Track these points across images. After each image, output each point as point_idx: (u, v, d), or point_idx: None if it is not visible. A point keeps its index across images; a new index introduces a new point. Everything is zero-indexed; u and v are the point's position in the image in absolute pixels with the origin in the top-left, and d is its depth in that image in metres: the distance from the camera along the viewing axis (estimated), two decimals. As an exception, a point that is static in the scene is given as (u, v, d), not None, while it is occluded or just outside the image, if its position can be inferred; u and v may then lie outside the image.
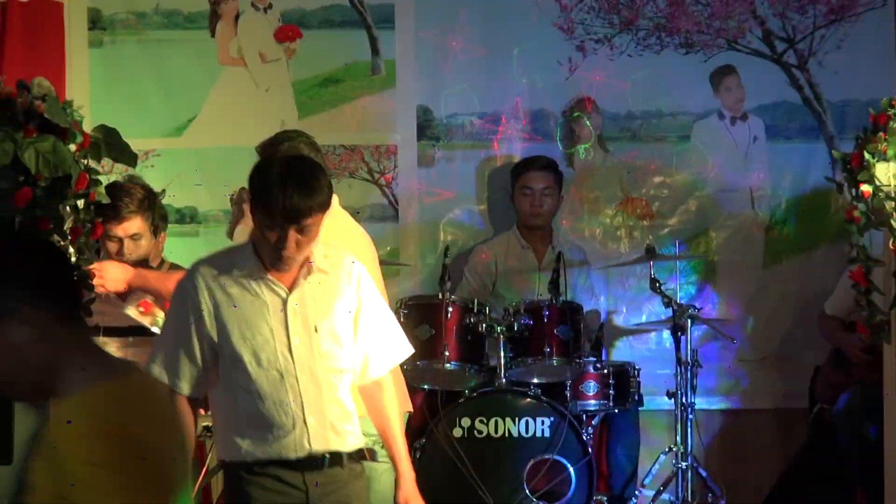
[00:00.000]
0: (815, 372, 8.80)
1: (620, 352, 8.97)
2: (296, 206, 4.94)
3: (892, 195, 6.10)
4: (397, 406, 5.57)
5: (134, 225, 7.40)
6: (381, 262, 8.89)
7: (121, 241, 7.33)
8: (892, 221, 6.09)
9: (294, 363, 5.11)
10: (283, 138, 6.81)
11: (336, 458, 5.20)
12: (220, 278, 5.13)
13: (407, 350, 5.59)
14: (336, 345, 5.20)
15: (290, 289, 5.12)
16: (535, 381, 8.22)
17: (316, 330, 5.13)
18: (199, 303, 5.10)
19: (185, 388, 5.15)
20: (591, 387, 8.40)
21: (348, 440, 5.25)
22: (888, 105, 6.19)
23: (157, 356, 5.22)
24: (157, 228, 7.53)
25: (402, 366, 7.91)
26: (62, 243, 5.98)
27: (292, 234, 4.93)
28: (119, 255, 7.40)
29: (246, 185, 5.58)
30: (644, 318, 9.06)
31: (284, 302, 5.10)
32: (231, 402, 5.17)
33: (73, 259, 6.04)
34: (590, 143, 9.47)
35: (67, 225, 5.99)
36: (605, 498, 8.20)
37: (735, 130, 9.44)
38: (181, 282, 5.29)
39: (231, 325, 5.10)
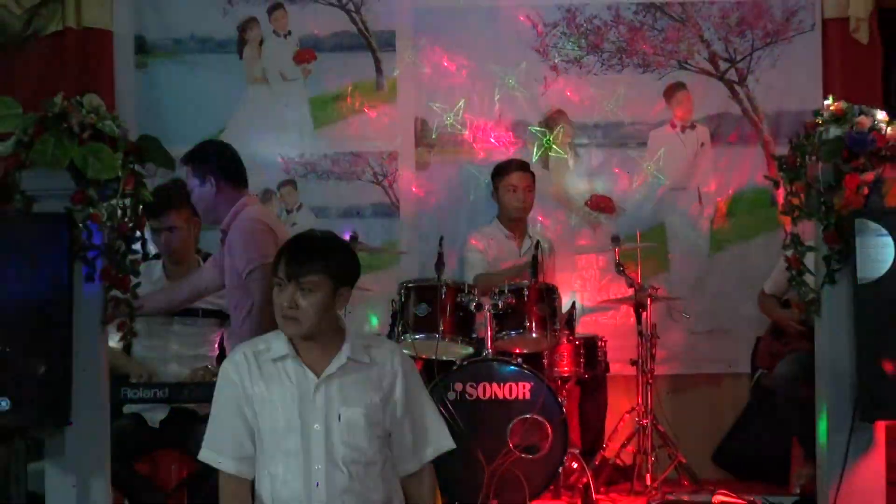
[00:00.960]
0: (757, 342, 8.81)
1: (589, 326, 8.91)
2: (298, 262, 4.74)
3: (822, 190, 6.05)
4: (429, 502, 5.04)
5: (170, 219, 7.36)
6: (385, 251, 8.90)
7: (162, 234, 7.30)
8: (822, 213, 6.03)
9: (312, 450, 4.74)
10: None
11: None
12: (258, 362, 4.84)
13: (445, 445, 5.00)
14: (360, 435, 4.75)
15: (319, 375, 4.77)
16: (517, 351, 8.18)
17: (339, 418, 4.73)
18: (239, 387, 4.84)
19: (230, 465, 4.84)
20: (566, 357, 8.42)
21: None
22: (818, 114, 6.14)
23: (207, 439, 4.96)
24: (191, 222, 7.48)
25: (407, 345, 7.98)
26: (112, 235, 5.94)
27: (294, 290, 4.69)
28: (162, 248, 7.41)
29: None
30: (610, 297, 8.97)
31: (312, 388, 4.75)
32: (263, 486, 4.87)
33: (121, 249, 6.00)
34: (565, 146, 9.42)
35: (116, 220, 5.93)
36: (578, 450, 8.16)
37: (685, 137, 9.43)
38: (224, 365, 5.04)
39: (262, 409, 4.81)
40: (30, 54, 8.77)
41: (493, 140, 9.41)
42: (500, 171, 8.98)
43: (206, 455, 4.93)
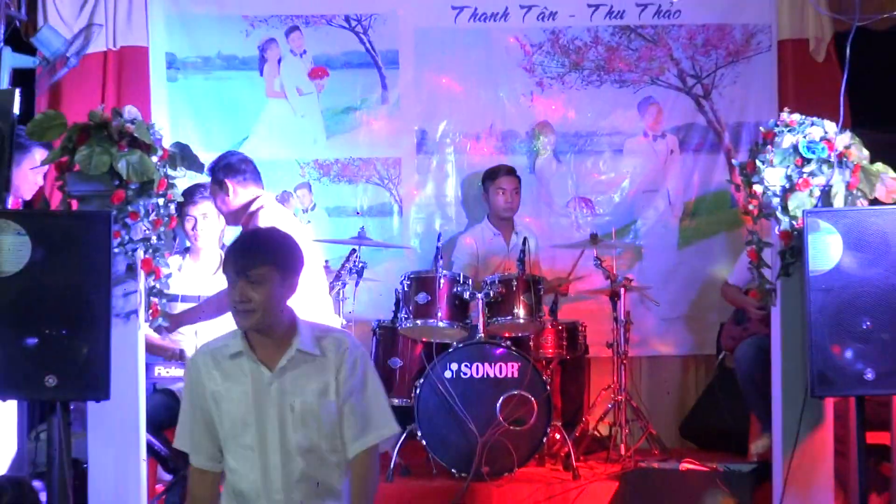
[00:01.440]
0: (720, 327, 8.82)
1: (571, 313, 8.89)
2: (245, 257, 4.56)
3: (778, 193, 6.06)
4: (367, 486, 4.62)
5: (204, 207, 7.39)
6: (390, 246, 8.90)
7: (195, 219, 7.30)
8: (778, 213, 6.05)
9: (268, 442, 4.54)
10: None
11: None
12: (216, 360, 4.63)
13: (389, 430, 4.70)
14: (313, 424, 4.54)
15: (272, 369, 4.55)
16: (507, 335, 8.19)
17: (292, 409, 4.52)
18: (202, 384, 4.66)
19: (197, 460, 4.71)
20: (550, 340, 8.41)
21: None
22: (774, 125, 6.15)
23: (180, 430, 4.78)
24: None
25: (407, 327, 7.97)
26: (147, 231, 5.95)
27: (244, 285, 4.48)
28: (194, 231, 7.45)
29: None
30: (589, 287, 8.98)
31: (266, 382, 4.53)
32: (226, 479, 4.72)
33: (155, 243, 6.01)
34: (547, 155, 9.41)
35: (151, 217, 5.95)
36: (560, 423, 8.14)
37: (656, 145, 9.43)
38: (187, 364, 4.98)
39: (221, 406, 4.62)
40: (75, 71, 8.75)
41: (485, 148, 9.39)
42: (491, 175, 9.01)
43: (178, 444, 4.84)
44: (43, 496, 5.62)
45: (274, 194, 7.11)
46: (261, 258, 4.51)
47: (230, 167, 6.91)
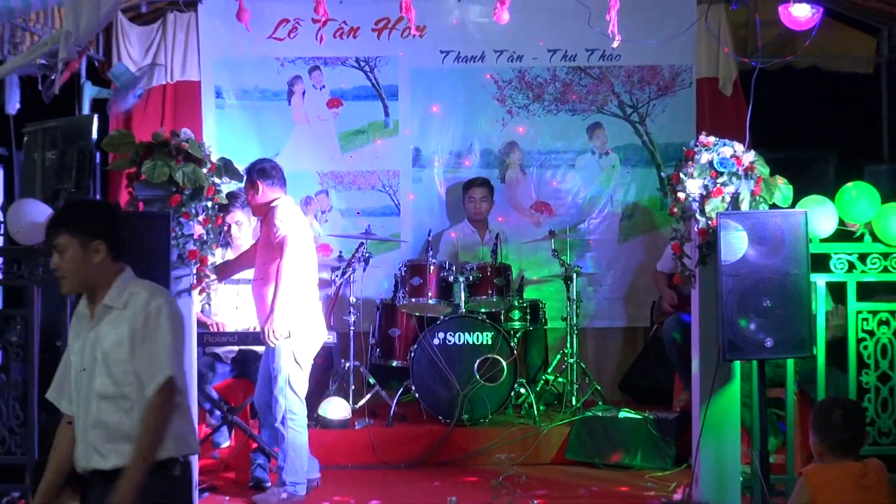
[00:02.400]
0: (652, 305, 8.78)
1: (534, 293, 8.89)
2: (48, 232, 4.16)
3: (697, 199, 6.07)
4: (150, 424, 3.99)
5: (238, 216, 7.38)
6: (390, 240, 8.88)
7: (230, 225, 7.34)
8: (697, 215, 6.05)
9: (79, 390, 4.09)
10: None
11: (98, 475, 4.04)
12: (77, 317, 4.20)
13: (161, 374, 3.99)
14: (108, 373, 4.02)
15: (93, 323, 4.11)
16: (483, 310, 8.18)
17: (95, 358, 4.04)
18: (70, 339, 4.23)
19: (67, 407, 4.19)
20: (516, 314, 8.41)
21: (110, 459, 3.99)
22: (694, 145, 6.16)
23: (54, 383, 4.26)
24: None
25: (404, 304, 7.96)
26: (198, 229, 5.95)
27: (54, 255, 4.06)
28: (229, 233, 7.48)
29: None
30: (548, 273, 8.97)
31: (86, 334, 4.10)
32: None
33: (204, 238, 6.01)
34: (515, 168, 9.40)
35: (201, 217, 5.94)
36: (524, 380, 8.15)
37: (601, 161, 9.38)
38: None
39: (71, 356, 4.19)
40: (141, 99, 8.75)
41: (466, 162, 9.34)
42: (466, 186, 9.01)
43: (49, 395, 4.33)
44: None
45: (291, 199, 7.05)
46: (56, 228, 4.12)
47: (263, 171, 6.88)
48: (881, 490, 4.51)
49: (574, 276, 8.48)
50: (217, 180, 6.06)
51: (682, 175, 6.13)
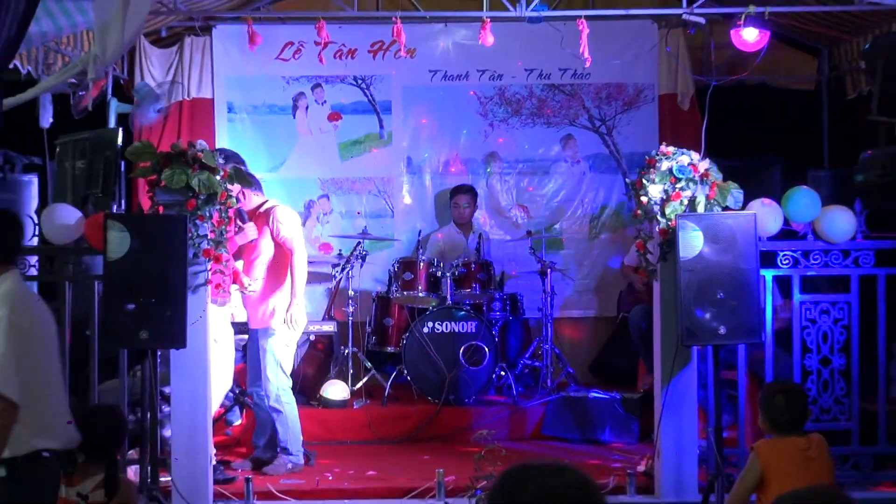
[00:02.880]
0: (619, 296, 8.83)
1: (513, 286, 8.90)
2: None
3: (658, 202, 6.08)
4: None
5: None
6: (384, 239, 8.85)
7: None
8: (658, 216, 6.07)
9: None
10: None
11: None
12: None
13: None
14: None
15: None
16: (467, 302, 8.17)
17: None
18: None
19: None
20: (497, 305, 8.42)
21: None
22: (655, 154, 6.17)
23: None
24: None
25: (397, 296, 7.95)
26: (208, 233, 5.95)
27: None
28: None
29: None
30: (525, 268, 8.97)
31: None
32: None
33: (217, 238, 6.01)
34: (496, 175, 9.41)
35: (215, 218, 5.94)
36: (505, 364, 8.16)
37: (573, 169, 9.38)
38: None
39: None
40: (163, 114, 8.77)
41: (452, 169, 9.32)
42: (454, 191, 8.99)
43: None
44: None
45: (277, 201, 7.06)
46: None
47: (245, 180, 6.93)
48: (823, 461, 4.63)
49: (549, 271, 8.51)
50: (229, 186, 6.07)
51: (644, 181, 6.15)
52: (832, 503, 2.65)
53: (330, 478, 6.65)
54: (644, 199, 6.14)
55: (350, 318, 8.25)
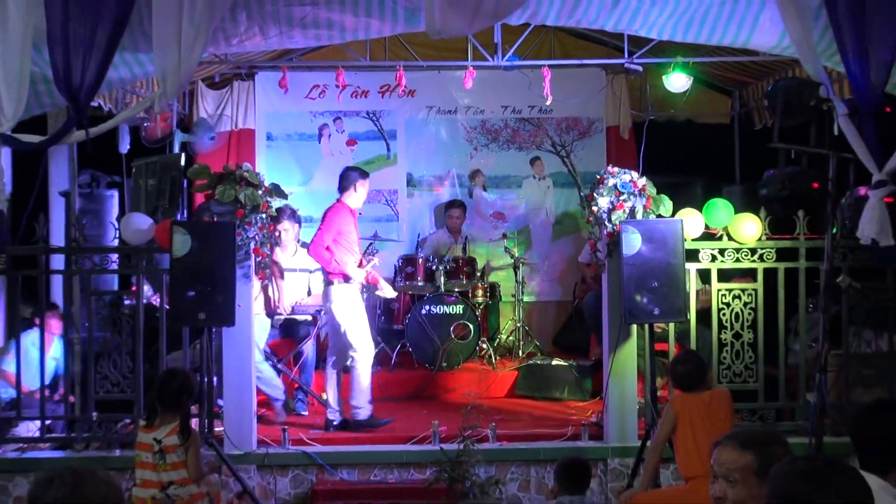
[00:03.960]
0: (575, 285, 8.82)
1: (493, 277, 8.91)
2: None
3: (606, 211, 6.08)
4: None
5: (284, 225, 7.29)
6: (391, 240, 8.79)
7: (280, 231, 7.23)
8: (606, 222, 6.07)
9: None
10: None
11: None
12: None
13: None
14: None
15: None
16: (456, 290, 8.13)
17: None
18: None
19: None
20: (480, 293, 8.38)
21: None
22: (604, 173, 6.18)
23: None
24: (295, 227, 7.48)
25: (400, 286, 7.94)
26: (254, 236, 5.94)
27: None
28: (279, 237, 7.30)
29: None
30: (502, 263, 8.96)
31: None
32: None
33: (261, 240, 6.00)
34: (479, 188, 9.40)
35: (258, 225, 5.93)
36: (486, 338, 8.14)
37: (540, 184, 9.37)
38: None
39: None
40: (216, 142, 8.77)
41: (444, 184, 9.30)
42: (448, 205, 8.92)
43: None
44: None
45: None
46: None
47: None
48: (723, 409, 4.81)
49: (520, 265, 8.51)
50: (268, 199, 6.06)
51: (595, 194, 6.15)
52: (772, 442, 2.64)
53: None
54: (595, 208, 6.14)
55: (364, 302, 8.22)
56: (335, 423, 6.51)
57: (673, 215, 6.16)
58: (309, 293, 7.47)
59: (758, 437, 2.66)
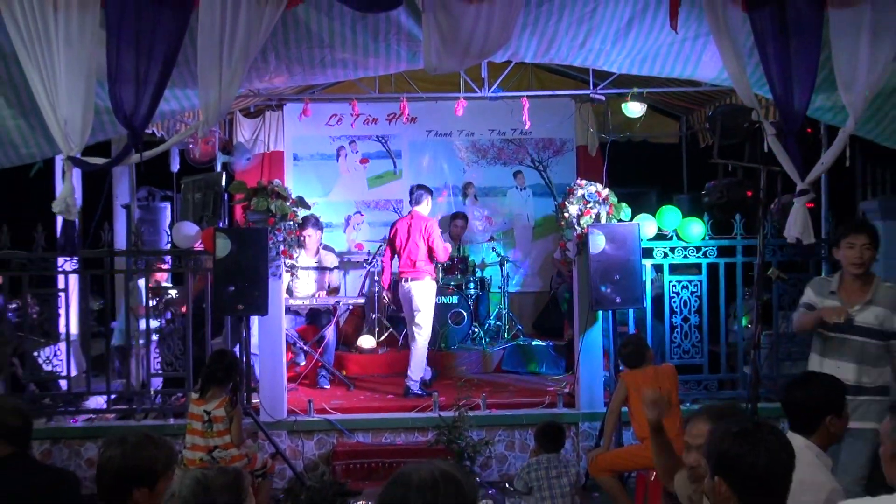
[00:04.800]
0: (551, 278, 8.80)
1: (483, 272, 8.85)
2: None
3: (575, 216, 6.08)
4: None
5: (308, 231, 7.26)
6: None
7: (305, 237, 7.13)
8: (575, 226, 6.06)
9: None
10: None
11: None
12: None
13: None
14: None
15: None
16: (452, 283, 8.12)
17: None
18: None
19: None
20: (472, 285, 8.34)
21: None
22: (574, 185, 6.17)
23: None
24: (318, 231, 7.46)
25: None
26: (283, 240, 5.92)
27: None
28: (304, 241, 7.21)
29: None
30: (490, 260, 8.93)
31: None
32: None
33: (289, 243, 5.99)
34: (471, 197, 9.35)
35: (286, 231, 5.92)
36: (477, 323, 8.12)
37: (521, 194, 9.30)
38: None
39: None
40: (251, 162, 8.74)
41: (442, 194, 9.20)
42: (452, 216, 8.79)
43: None
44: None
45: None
46: None
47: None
48: (668, 381, 4.78)
49: (506, 261, 8.48)
50: (295, 209, 6.05)
51: (567, 203, 6.15)
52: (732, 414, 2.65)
53: (363, 398, 6.66)
54: (566, 214, 6.14)
55: (376, 294, 8.21)
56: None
57: (631, 220, 6.17)
58: (328, 288, 7.45)
59: (722, 411, 2.67)
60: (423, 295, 6.77)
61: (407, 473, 1.80)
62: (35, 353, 6.00)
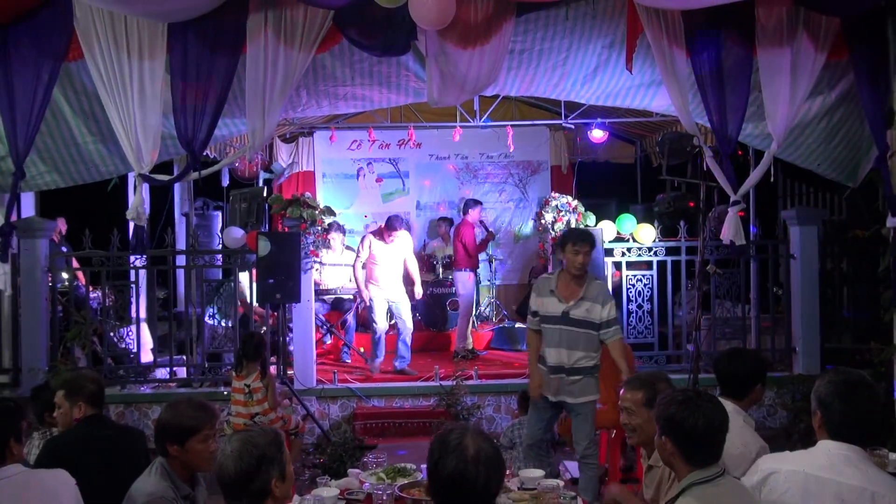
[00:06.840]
0: (531, 272, 8.77)
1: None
2: None
3: (551, 223, 6.07)
4: None
5: (333, 235, 7.21)
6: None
7: (330, 239, 7.14)
8: (550, 231, 6.06)
9: None
10: None
11: None
12: None
13: None
14: None
15: None
16: (449, 277, 8.06)
17: None
18: None
19: None
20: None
21: None
22: (549, 197, 6.15)
23: None
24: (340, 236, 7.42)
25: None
26: (312, 241, 5.90)
27: None
28: (330, 242, 7.20)
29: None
30: (481, 259, 8.89)
31: None
32: None
33: (317, 244, 5.96)
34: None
35: (315, 235, 5.91)
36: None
37: (507, 205, 9.35)
38: None
39: None
40: (287, 180, 8.72)
41: (442, 209, 9.21)
42: (438, 220, 8.76)
43: None
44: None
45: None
46: None
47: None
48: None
49: (494, 260, 8.46)
50: (323, 216, 6.04)
51: (543, 212, 6.17)
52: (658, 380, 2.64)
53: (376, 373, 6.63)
54: (543, 221, 6.15)
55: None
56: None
57: (595, 225, 6.16)
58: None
59: (647, 378, 2.66)
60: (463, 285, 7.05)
61: (457, 443, 1.64)
62: (111, 334, 5.99)
